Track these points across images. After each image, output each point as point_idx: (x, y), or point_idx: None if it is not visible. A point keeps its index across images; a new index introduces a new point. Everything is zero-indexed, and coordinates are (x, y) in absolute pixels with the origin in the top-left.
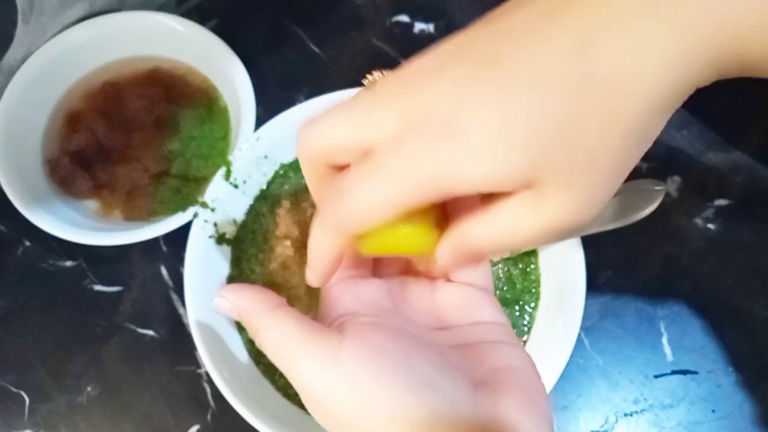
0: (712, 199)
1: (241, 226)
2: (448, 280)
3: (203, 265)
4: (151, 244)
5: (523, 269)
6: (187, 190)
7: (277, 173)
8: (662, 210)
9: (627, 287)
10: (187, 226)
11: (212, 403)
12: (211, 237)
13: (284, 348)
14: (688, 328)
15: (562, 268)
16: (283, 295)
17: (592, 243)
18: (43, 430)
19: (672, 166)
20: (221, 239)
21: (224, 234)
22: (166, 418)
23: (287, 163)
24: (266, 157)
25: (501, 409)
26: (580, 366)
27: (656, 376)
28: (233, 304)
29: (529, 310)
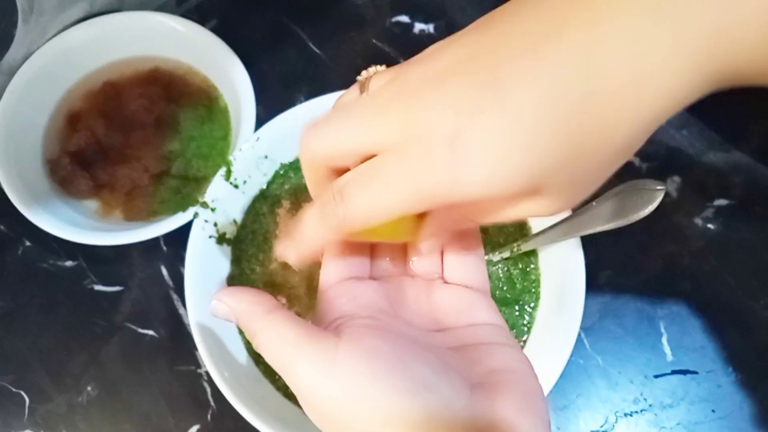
0: (712, 199)
1: (242, 226)
2: (445, 282)
3: (203, 265)
4: (151, 244)
5: (523, 269)
6: (187, 190)
7: (277, 173)
8: (662, 210)
9: (627, 287)
10: (188, 226)
11: (212, 403)
12: (211, 237)
13: (281, 350)
14: (688, 328)
15: (562, 268)
16: (283, 294)
17: (592, 243)
18: (43, 430)
19: (672, 166)
20: (221, 239)
21: (224, 234)
22: (166, 418)
23: (287, 163)
24: (266, 157)
25: (498, 411)
26: (580, 366)
27: (656, 376)
28: (230, 306)
29: (529, 310)
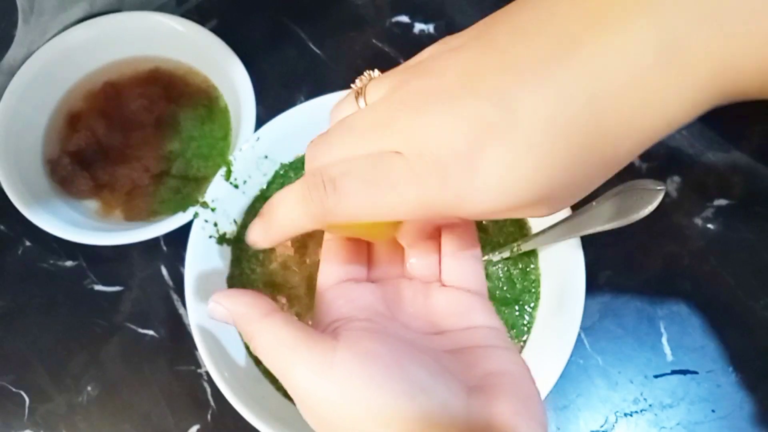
0: (712, 199)
1: (242, 226)
2: (443, 285)
3: (203, 265)
4: (151, 244)
5: (523, 269)
6: (187, 190)
7: (277, 173)
8: (662, 210)
9: (627, 287)
10: (188, 226)
11: (212, 403)
12: (211, 237)
13: (278, 353)
14: (688, 328)
15: (562, 268)
16: (283, 294)
17: (592, 243)
18: (43, 430)
19: (672, 166)
20: (221, 239)
21: (224, 234)
22: (166, 417)
23: (287, 163)
24: (266, 157)
25: (495, 414)
26: (580, 366)
27: (656, 376)
28: (228, 309)
29: (529, 310)
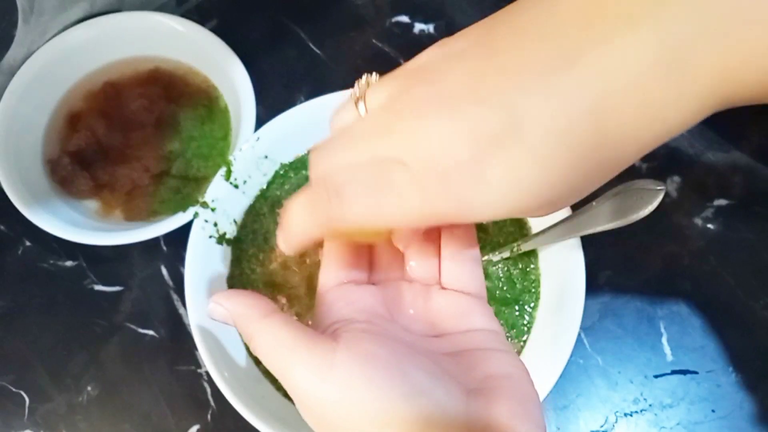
0: (712, 199)
1: (242, 226)
2: (442, 288)
3: (203, 265)
4: (151, 244)
5: (523, 269)
6: (187, 190)
7: (277, 173)
8: (662, 210)
9: (627, 287)
10: (188, 226)
11: (212, 403)
12: (211, 237)
13: (278, 354)
14: (688, 328)
15: (562, 268)
16: (283, 294)
17: (592, 243)
18: (43, 430)
19: (672, 166)
20: (221, 239)
21: (224, 234)
22: (166, 417)
23: (287, 163)
24: (266, 157)
25: (493, 416)
26: (579, 366)
27: (656, 376)
28: (228, 309)
29: (529, 310)
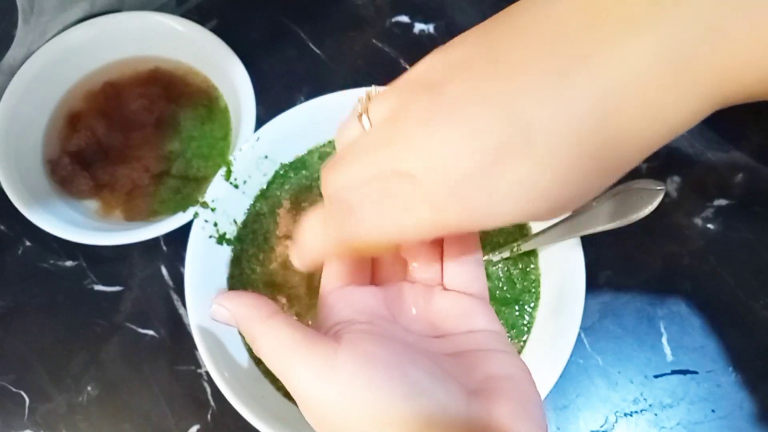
0: (712, 199)
1: (242, 226)
2: (444, 289)
3: (204, 265)
4: (152, 244)
5: (523, 269)
6: (187, 190)
7: (277, 173)
8: (662, 210)
9: (627, 287)
10: (188, 226)
11: (212, 403)
12: (211, 237)
13: (280, 355)
14: (688, 328)
15: (562, 268)
16: (284, 294)
17: (592, 243)
18: (43, 430)
19: (672, 166)
20: (221, 239)
21: (224, 234)
22: (166, 417)
23: (287, 162)
24: (266, 157)
25: (494, 417)
26: (579, 366)
27: (656, 376)
28: (230, 311)
29: (529, 310)
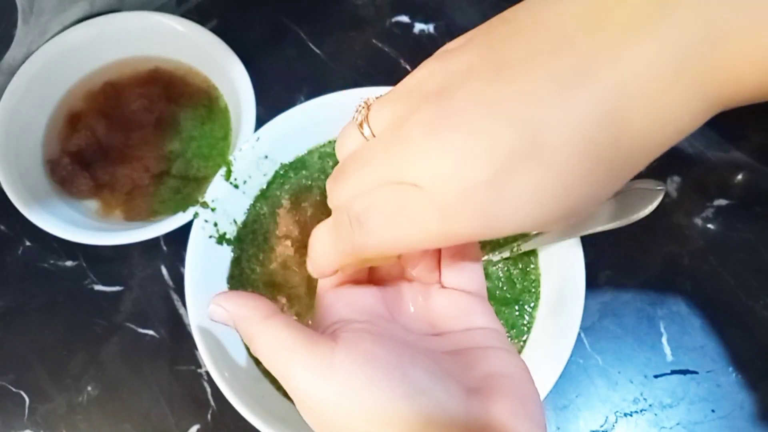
0: (712, 199)
1: (242, 226)
2: (443, 287)
3: (204, 265)
4: (152, 244)
5: (522, 269)
6: (187, 190)
7: (277, 173)
8: (662, 210)
9: (627, 287)
10: (188, 226)
11: (212, 403)
12: (211, 237)
13: (278, 355)
14: (688, 328)
15: (562, 267)
16: (283, 294)
17: (592, 243)
18: (43, 430)
19: (672, 166)
20: (221, 239)
21: (224, 234)
22: (166, 417)
23: (287, 162)
24: (266, 157)
25: (493, 415)
26: (579, 366)
27: (656, 376)
28: (228, 311)
29: (529, 310)
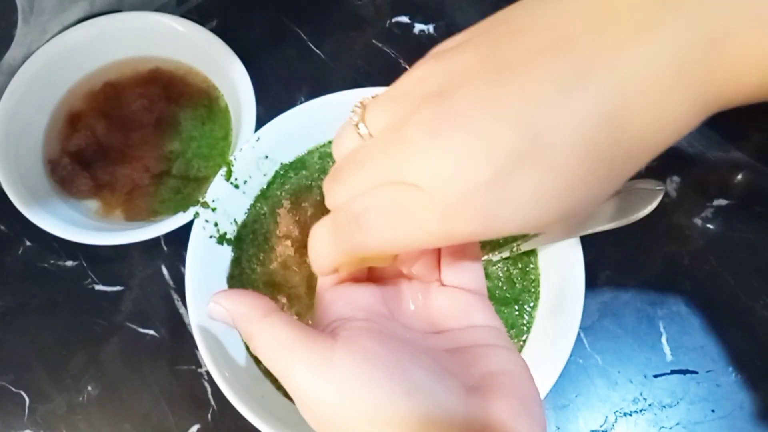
0: (712, 199)
1: (242, 226)
2: (442, 285)
3: (204, 265)
4: (152, 244)
5: (522, 269)
6: (187, 190)
7: (277, 173)
8: (662, 210)
9: (627, 287)
10: (188, 226)
11: (212, 403)
12: (211, 237)
13: (278, 354)
14: (688, 328)
15: (562, 267)
16: (284, 294)
17: (592, 243)
18: (43, 430)
19: (672, 166)
20: (222, 239)
21: (225, 234)
22: (166, 417)
23: (288, 162)
24: (267, 157)
25: (493, 414)
26: (579, 365)
27: (656, 376)
28: (227, 309)
29: (529, 310)
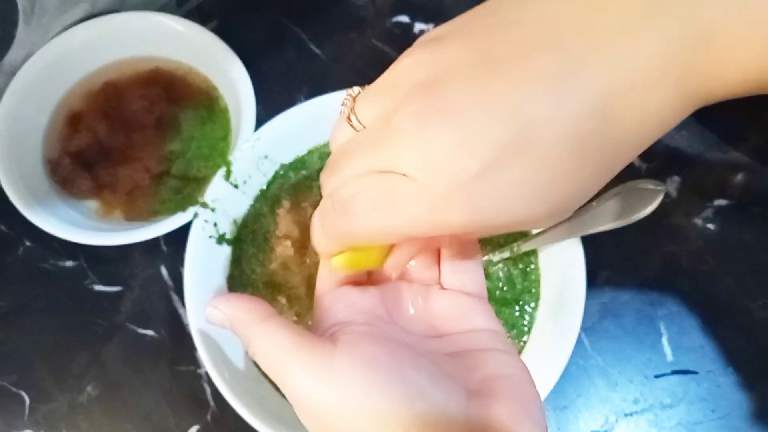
0: (711, 199)
1: (242, 226)
2: (442, 288)
3: (203, 265)
4: (152, 244)
5: (523, 269)
6: (187, 190)
7: (277, 173)
8: (662, 210)
9: (627, 287)
10: (188, 226)
11: (212, 403)
12: (211, 237)
13: (276, 358)
14: (688, 328)
15: (562, 267)
16: (283, 295)
17: (592, 243)
18: (44, 430)
19: (672, 166)
20: (221, 239)
21: (224, 234)
22: (166, 417)
23: (287, 163)
24: (266, 157)
25: (494, 417)
26: (580, 366)
27: (656, 376)
28: (225, 314)
29: (529, 310)
